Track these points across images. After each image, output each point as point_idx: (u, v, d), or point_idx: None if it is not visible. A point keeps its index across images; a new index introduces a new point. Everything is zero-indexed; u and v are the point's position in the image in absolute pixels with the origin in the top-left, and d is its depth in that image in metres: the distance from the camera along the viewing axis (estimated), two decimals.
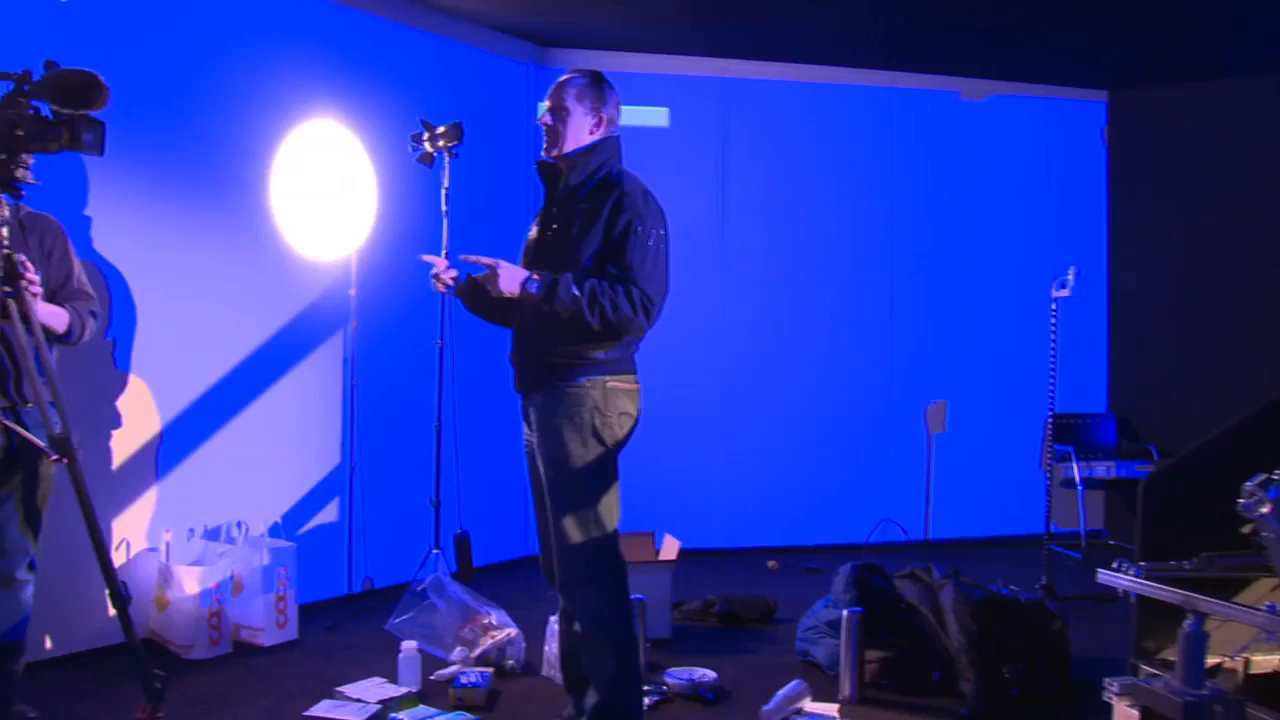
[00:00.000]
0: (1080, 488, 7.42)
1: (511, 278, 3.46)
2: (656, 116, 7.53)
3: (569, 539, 3.61)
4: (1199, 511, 2.97)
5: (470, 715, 4.25)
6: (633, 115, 7.40)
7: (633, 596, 4.71)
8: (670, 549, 5.66)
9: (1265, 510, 2.77)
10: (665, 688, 4.62)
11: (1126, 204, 8.18)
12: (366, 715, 4.21)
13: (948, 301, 7.93)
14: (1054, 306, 6.09)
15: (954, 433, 7.92)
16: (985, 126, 8.02)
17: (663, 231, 3.67)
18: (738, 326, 7.63)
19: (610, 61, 7.49)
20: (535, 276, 3.45)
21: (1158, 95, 8.02)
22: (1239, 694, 3.04)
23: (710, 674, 4.71)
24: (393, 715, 4.22)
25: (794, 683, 4.47)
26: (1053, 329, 6.14)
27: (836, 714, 4.39)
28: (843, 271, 7.79)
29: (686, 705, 4.54)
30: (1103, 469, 7.54)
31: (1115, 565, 3.25)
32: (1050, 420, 6.47)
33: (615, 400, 3.61)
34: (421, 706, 4.34)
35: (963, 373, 7.92)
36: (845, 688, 4.58)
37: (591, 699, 3.66)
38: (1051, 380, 6.22)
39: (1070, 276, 5.97)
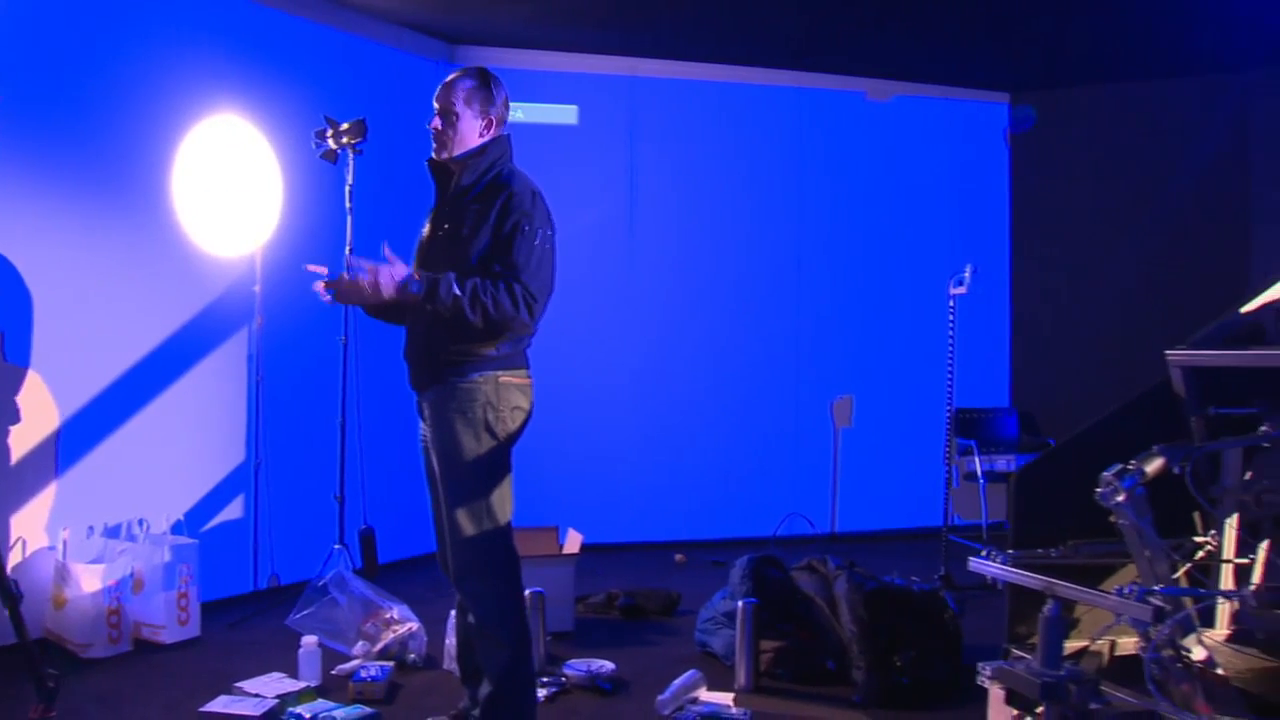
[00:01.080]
0: (982, 481, 7.59)
1: (390, 279, 3.49)
2: (566, 114, 7.58)
3: (462, 532, 3.65)
4: (1069, 501, 3.08)
5: (369, 709, 4.28)
6: (542, 113, 7.47)
7: (533, 589, 4.83)
8: (573, 543, 5.73)
9: (1120, 499, 2.90)
10: (564, 679, 4.68)
11: (1028, 204, 8.38)
12: (263, 710, 4.22)
13: (854, 298, 8.08)
14: (952, 304, 6.23)
15: (860, 427, 8.07)
16: (891, 127, 8.18)
17: (549, 231, 3.71)
18: (646, 322, 7.71)
19: (520, 59, 7.54)
20: (416, 277, 3.48)
21: (1058, 97, 8.23)
22: (1098, 675, 3.17)
23: (608, 665, 4.78)
24: (290, 710, 4.23)
25: (689, 673, 4.55)
26: (951, 326, 6.29)
27: (731, 703, 4.48)
28: (750, 268, 7.90)
29: (584, 696, 4.60)
30: (1004, 462, 7.72)
31: (983, 553, 3.37)
32: (951, 414, 6.61)
33: (507, 395, 3.66)
34: (320, 700, 4.36)
35: (868, 368, 8.08)
36: (740, 677, 4.68)
37: (485, 689, 3.70)
38: (949, 376, 6.37)
39: (967, 274, 6.12)
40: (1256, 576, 3.41)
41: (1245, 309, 3.80)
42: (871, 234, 8.12)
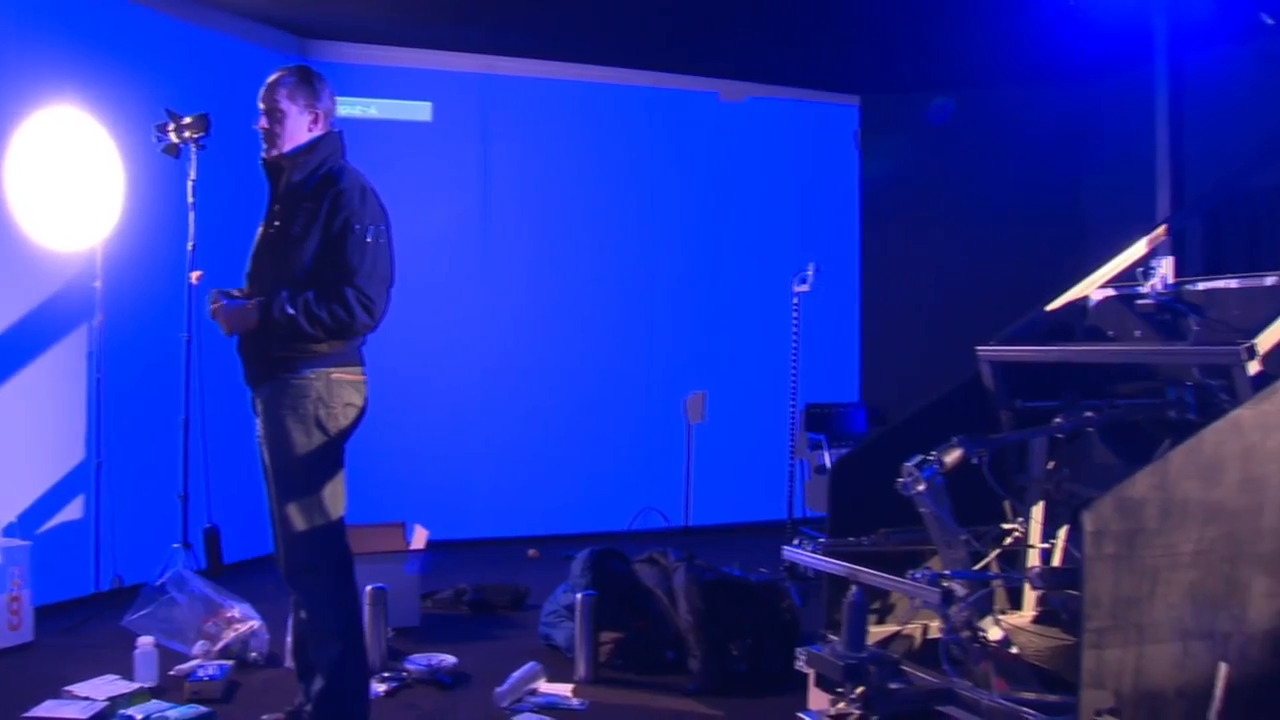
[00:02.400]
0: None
1: (231, 318, 3.54)
2: (419, 111, 7.57)
3: (293, 527, 3.66)
4: (884, 491, 3.21)
5: (204, 708, 4.24)
6: (395, 110, 7.45)
7: (375, 585, 4.84)
8: (420, 539, 5.74)
9: (921, 488, 3.04)
10: (404, 674, 4.70)
11: (876, 204, 8.62)
12: (92, 713, 4.15)
13: (707, 296, 8.22)
14: (796, 301, 6.39)
15: (713, 422, 8.21)
16: (743, 127, 8.34)
17: (382, 226, 3.72)
18: (499, 319, 7.75)
19: (373, 55, 7.51)
20: (250, 306, 3.53)
21: (906, 101, 8.48)
22: (907, 657, 3.32)
23: (450, 659, 4.82)
24: (121, 711, 4.17)
25: (528, 665, 4.61)
26: (795, 322, 6.45)
27: (570, 694, 4.55)
28: (604, 265, 7.98)
29: (425, 690, 4.63)
30: None
31: (796, 542, 3.50)
32: (795, 409, 6.77)
33: (340, 391, 3.67)
34: (154, 701, 4.30)
35: (721, 364, 8.22)
36: (580, 668, 4.76)
37: (317, 684, 3.71)
38: (793, 372, 6.53)
39: (810, 272, 6.28)
40: (1056, 560, 3.59)
41: (1050, 307, 3.99)
42: (724, 232, 8.27)
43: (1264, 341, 2.98)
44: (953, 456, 3.10)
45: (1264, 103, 6.28)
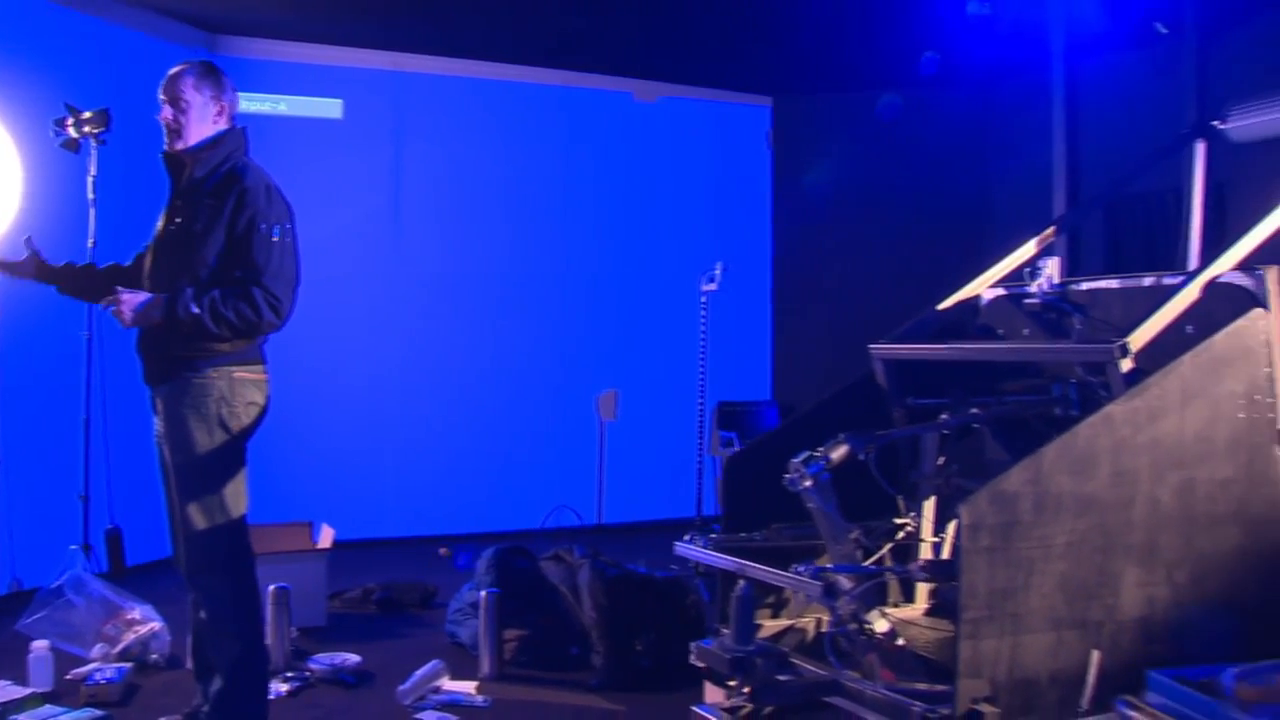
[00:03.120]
0: None
1: (130, 309, 3.49)
2: (330, 108, 7.52)
3: (194, 526, 3.63)
4: (778, 487, 3.26)
5: (100, 711, 4.20)
6: (305, 106, 7.39)
7: (278, 585, 4.81)
8: (326, 538, 5.72)
9: (807, 484, 3.10)
10: (308, 673, 4.69)
11: (788, 204, 8.72)
12: None
13: (620, 294, 8.26)
14: (703, 300, 6.45)
15: (625, 420, 8.25)
16: (657, 127, 8.39)
17: (288, 225, 3.70)
18: (411, 317, 7.73)
19: (283, 51, 7.45)
20: (156, 301, 3.49)
21: (818, 102, 8.59)
22: (793, 649, 3.38)
23: (354, 658, 4.81)
24: (13, 717, 4.11)
25: (432, 663, 4.62)
26: (702, 321, 6.51)
27: (473, 691, 4.56)
28: (517, 264, 7.99)
29: (328, 690, 4.62)
30: None
31: (687, 538, 3.55)
32: (704, 407, 6.83)
33: (242, 390, 3.65)
34: (47, 706, 4.25)
35: (634, 363, 8.27)
36: (484, 665, 4.78)
37: (216, 684, 3.69)
38: (701, 370, 6.59)
39: (718, 271, 6.34)
40: (946, 553, 3.67)
41: (941, 306, 4.08)
42: (636, 232, 8.32)
43: (1137, 340, 3.08)
44: (839, 453, 3.16)
45: (1156, 108, 6.45)
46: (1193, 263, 4.57)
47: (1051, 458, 2.83)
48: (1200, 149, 4.64)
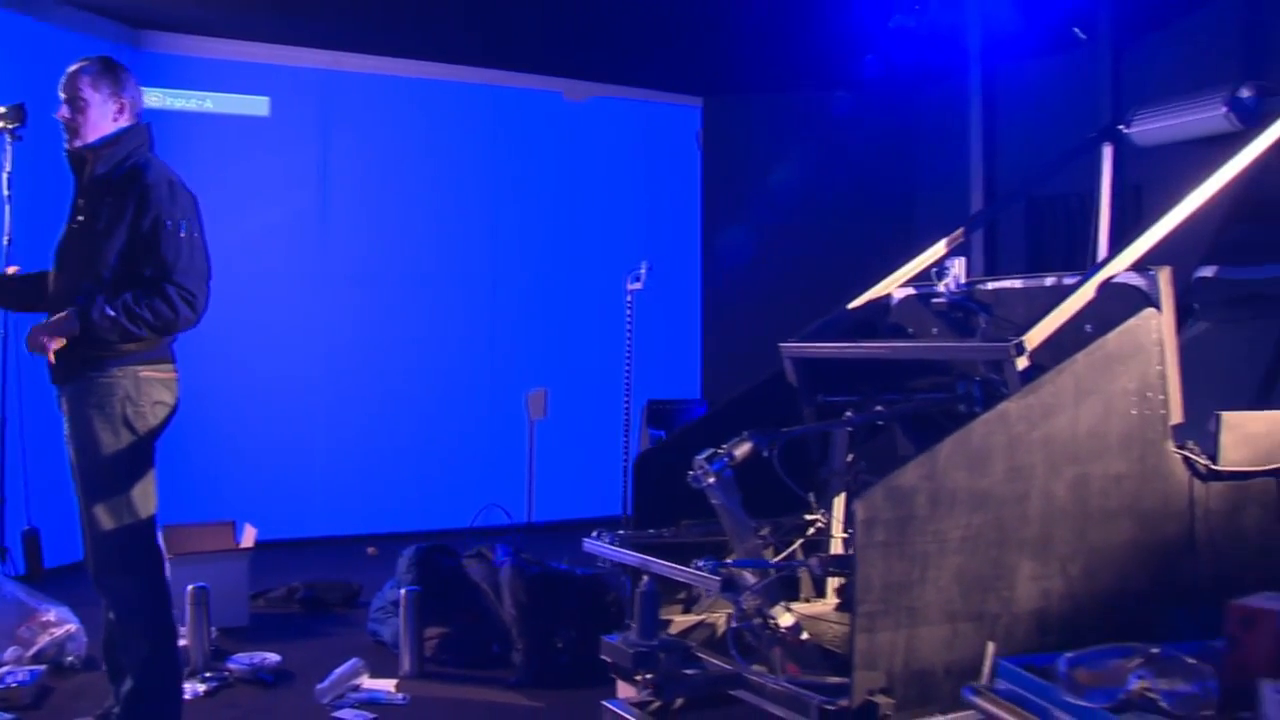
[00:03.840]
0: None
1: (55, 333, 3.48)
2: (256, 106, 7.47)
3: (100, 527, 3.62)
4: (687, 484, 3.30)
5: (9, 714, 4.16)
6: (231, 104, 7.34)
7: (196, 585, 4.79)
8: (248, 537, 5.70)
9: (711, 481, 3.14)
10: (227, 673, 4.68)
11: (718, 203, 8.78)
12: None
13: (550, 293, 8.28)
14: (629, 299, 6.48)
15: (555, 419, 8.27)
16: (587, 127, 8.42)
17: (194, 219, 3.68)
18: (338, 316, 7.70)
19: (210, 48, 7.39)
20: (67, 315, 3.48)
21: (747, 102, 8.65)
22: (701, 643, 3.43)
23: (274, 657, 4.80)
24: None
25: (351, 660, 4.62)
26: (628, 320, 6.54)
27: (393, 689, 4.57)
28: (446, 263, 8.00)
29: (246, 689, 4.61)
30: None
31: (595, 534, 3.58)
32: (630, 405, 6.86)
33: (148, 389, 3.63)
34: None
35: (563, 362, 8.29)
36: (405, 663, 4.79)
37: (126, 685, 3.67)
38: (627, 369, 6.62)
39: (643, 271, 6.37)
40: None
41: (852, 305, 4.14)
42: (566, 231, 8.34)
43: (1032, 338, 3.15)
44: (742, 450, 3.20)
45: (1073, 111, 6.58)
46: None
47: (947, 454, 2.89)
48: (1108, 152, 4.74)
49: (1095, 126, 5.31)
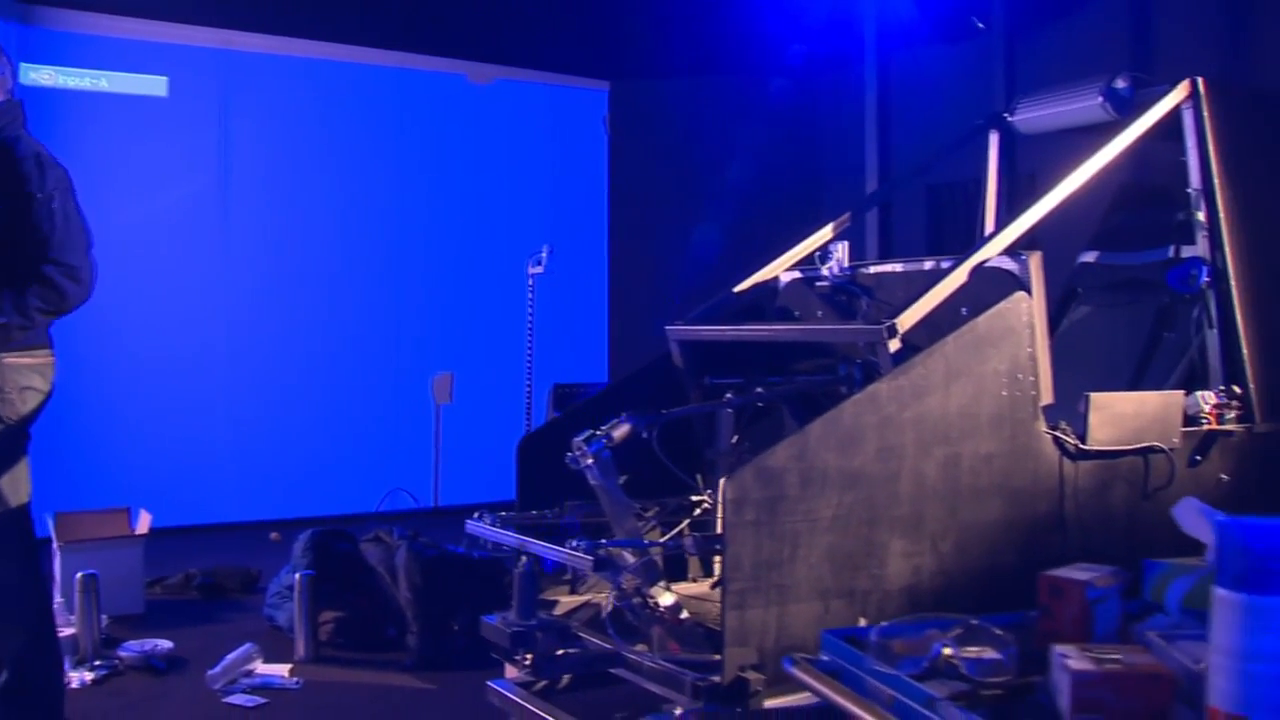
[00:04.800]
0: None
1: None
2: (154, 85, 7.35)
3: None
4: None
5: None
6: (127, 83, 7.21)
7: (86, 572, 4.73)
8: (143, 523, 5.63)
9: (589, 463, 3.17)
10: (117, 661, 4.63)
11: (624, 187, 8.80)
12: None
13: (455, 277, 8.26)
14: (531, 282, 6.50)
15: (461, 403, 8.25)
16: (492, 110, 8.39)
17: (67, 191, 3.61)
18: (239, 300, 7.61)
19: (105, 25, 7.25)
20: None
21: (654, 87, 8.68)
22: (584, 623, 3.46)
23: (166, 644, 4.76)
24: None
25: (244, 645, 4.60)
26: (529, 303, 6.55)
27: (286, 673, 4.56)
28: (349, 246, 7.94)
29: (137, 676, 4.57)
30: None
31: (477, 516, 3.61)
32: (532, 389, 6.89)
33: (14, 376, 3.55)
34: None
35: (469, 346, 8.27)
36: (300, 648, 4.78)
37: (3, 678, 3.62)
38: (529, 352, 6.64)
39: (544, 255, 6.39)
40: None
41: (738, 289, 4.20)
42: (472, 214, 8.32)
43: (904, 321, 3.22)
44: (620, 432, 3.24)
45: (970, 99, 6.70)
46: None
47: (817, 435, 2.94)
48: (994, 139, 4.84)
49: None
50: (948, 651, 1.46)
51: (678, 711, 2.93)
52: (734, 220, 8.31)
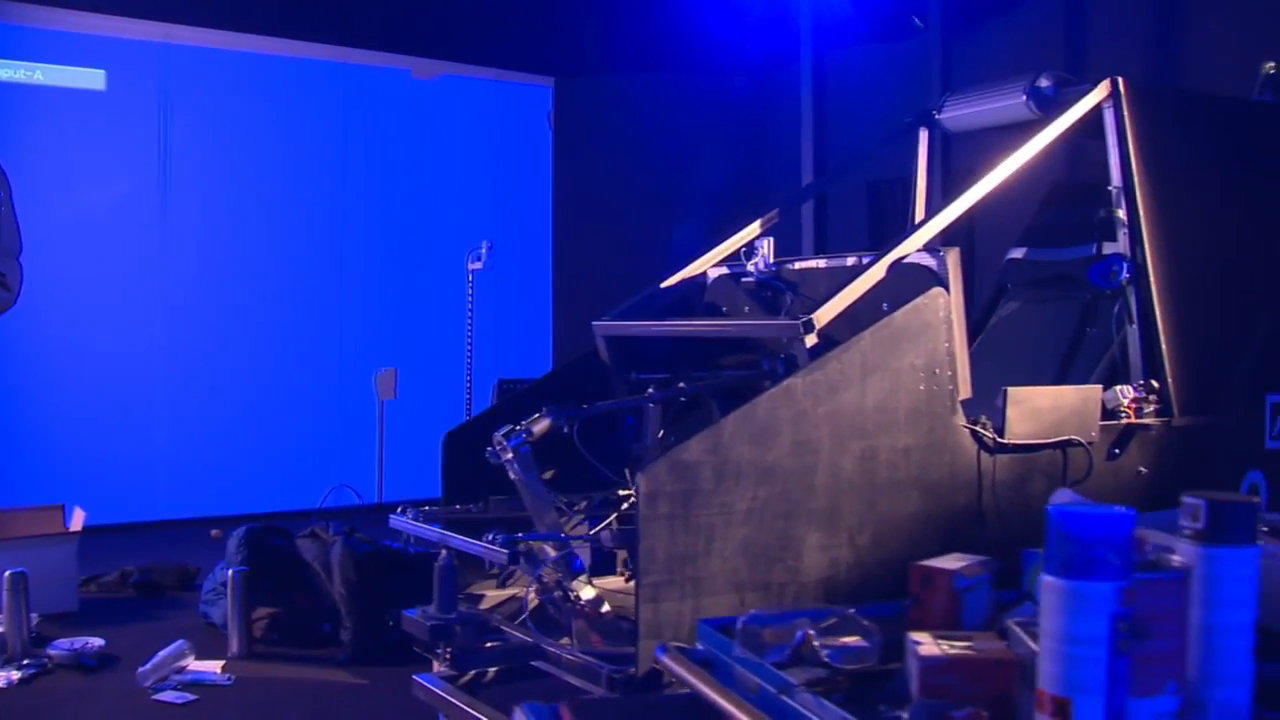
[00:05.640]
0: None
1: None
2: (92, 79, 7.29)
3: None
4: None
5: None
6: (64, 76, 7.16)
7: (14, 570, 4.71)
8: (77, 521, 5.60)
9: (509, 457, 3.20)
10: (46, 659, 4.61)
11: (569, 183, 8.82)
12: None
13: (398, 273, 8.24)
14: (470, 278, 6.50)
15: (405, 399, 8.24)
16: (437, 105, 8.38)
17: (4, 196, 3.61)
18: (180, 295, 7.57)
19: (42, 17, 7.18)
20: None
21: (599, 84, 8.70)
22: (506, 617, 3.49)
23: (97, 641, 4.74)
24: None
25: (176, 642, 4.59)
26: (469, 299, 6.56)
27: (218, 670, 4.55)
28: (292, 242, 7.91)
29: (67, 675, 4.55)
30: None
31: (400, 510, 3.62)
32: (471, 384, 6.90)
33: None
34: None
35: (413, 342, 8.26)
36: (233, 644, 4.77)
37: None
38: (469, 348, 6.65)
39: (484, 250, 6.40)
40: None
41: (665, 284, 4.23)
42: (416, 210, 8.31)
43: (821, 316, 3.26)
44: (541, 427, 3.26)
45: (905, 97, 6.76)
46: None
47: (731, 429, 2.98)
48: (924, 136, 4.89)
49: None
50: (810, 639, 1.50)
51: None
52: (677, 215, 8.35)
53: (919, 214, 4.93)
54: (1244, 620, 1.30)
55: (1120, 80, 4.16)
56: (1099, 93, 4.14)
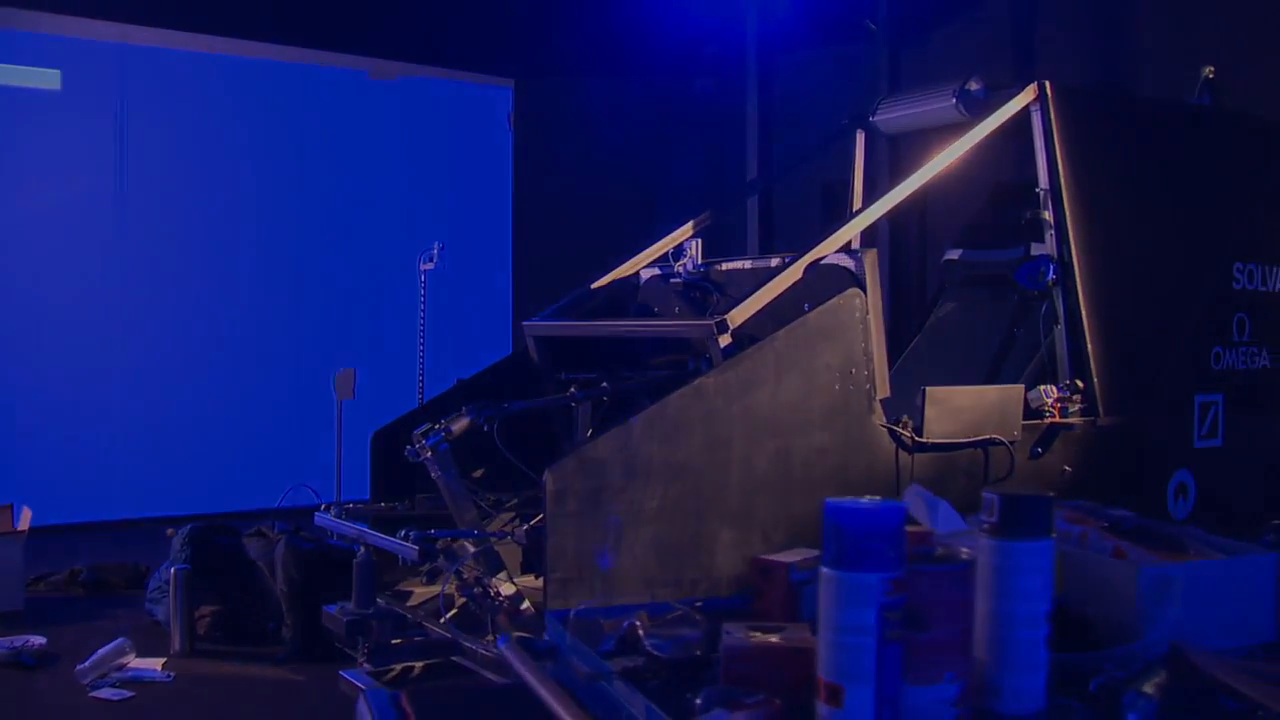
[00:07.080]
0: None
1: None
2: (46, 79, 7.29)
3: None
4: None
5: None
6: (19, 76, 7.16)
7: None
8: (25, 520, 5.62)
9: (428, 455, 3.25)
10: None
11: (528, 185, 8.85)
12: None
13: (357, 274, 8.25)
14: (423, 279, 6.53)
15: (366, 400, 8.25)
16: (395, 107, 8.40)
17: None
18: (133, 295, 7.55)
19: None
20: None
21: (558, 86, 8.73)
22: (430, 612, 3.54)
23: (38, 639, 4.75)
24: None
25: (117, 640, 4.60)
26: (422, 300, 6.59)
27: (159, 667, 4.58)
28: (249, 242, 7.91)
29: (5, 673, 4.55)
30: None
31: (324, 508, 3.67)
32: (424, 386, 6.92)
33: None
34: None
35: (372, 342, 8.28)
36: (175, 642, 4.79)
37: None
38: (421, 349, 6.68)
39: (435, 251, 6.43)
40: None
41: (596, 285, 4.29)
42: (375, 212, 8.32)
43: (736, 316, 3.32)
44: (460, 425, 3.32)
45: (852, 101, 6.82)
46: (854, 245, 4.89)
47: (641, 427, 3.03)
48: (860, 138, 4.95)
49: None
50: (638, 630, 1.55)
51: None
52: (636, 216, 8.39)
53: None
54: (1037, 610, 1.35)
55: (1047, 84, 4.23)
56: (1025, 96, 4.21)
